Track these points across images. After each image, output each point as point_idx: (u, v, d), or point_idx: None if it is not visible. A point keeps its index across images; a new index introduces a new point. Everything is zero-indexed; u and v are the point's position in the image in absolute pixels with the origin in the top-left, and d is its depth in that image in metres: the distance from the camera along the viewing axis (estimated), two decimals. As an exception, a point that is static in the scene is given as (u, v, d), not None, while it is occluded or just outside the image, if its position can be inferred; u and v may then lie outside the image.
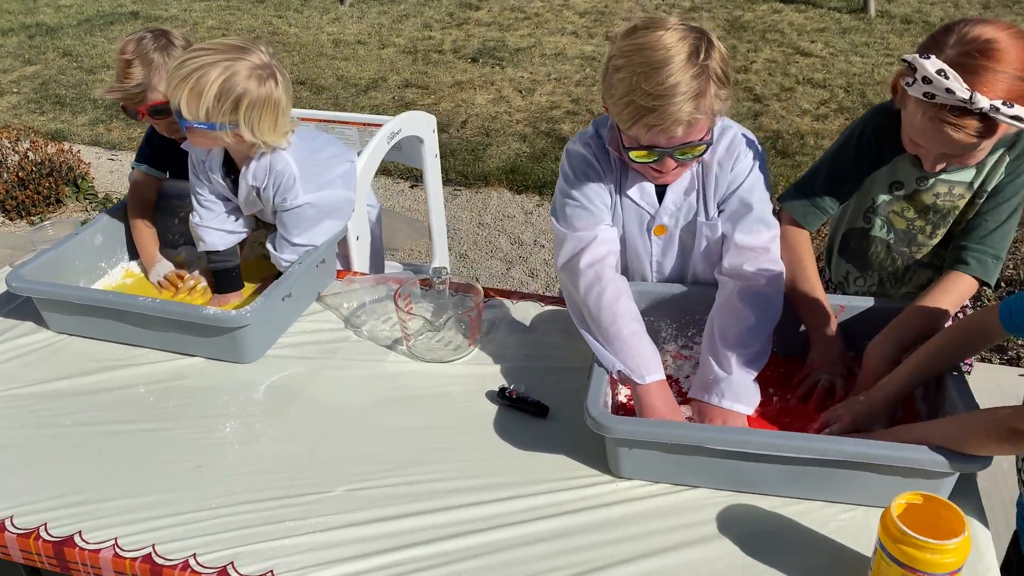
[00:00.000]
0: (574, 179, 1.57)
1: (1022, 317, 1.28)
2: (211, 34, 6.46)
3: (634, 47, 1.37)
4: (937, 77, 1.26)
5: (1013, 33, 1.29)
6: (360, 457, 1.42)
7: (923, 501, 1.12)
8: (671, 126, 1.38)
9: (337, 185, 1.85)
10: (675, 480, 1.34)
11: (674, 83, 1.33)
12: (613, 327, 1.46)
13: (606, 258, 1.53)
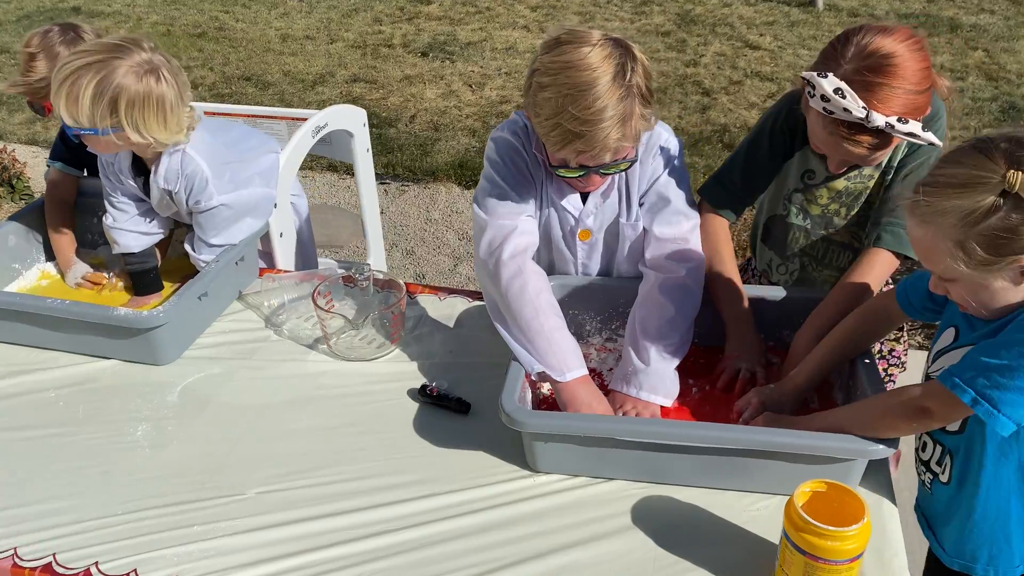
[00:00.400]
0: (501, 166, 1.55)
1: (917, 297, 1.30)
2: (155, 29, 6.33)
3: (559, 65, 1.35)
4: (834, 96, 1.27)
5: (910, 45, 1.30)
6: (275, 458, 1.39)
7: (827, 489, 1.12)
8: (600, 153, 1.37)
9: (256, 183, 1.81)
10: (592, 473, 1.34)
11: (601, 107, 1.32)
12: (535, 322, 1.45)
13: (528, 249, 1.52)
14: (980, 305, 1.11)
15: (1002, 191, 1.00)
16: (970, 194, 1.02)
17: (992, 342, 1.10)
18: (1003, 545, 1.22)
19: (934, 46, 5.58)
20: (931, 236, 1.07)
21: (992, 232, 1.01)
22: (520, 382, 1.36)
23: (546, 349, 1.42)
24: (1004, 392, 1.06)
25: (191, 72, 5.58)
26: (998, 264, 1.03)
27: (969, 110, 4.73)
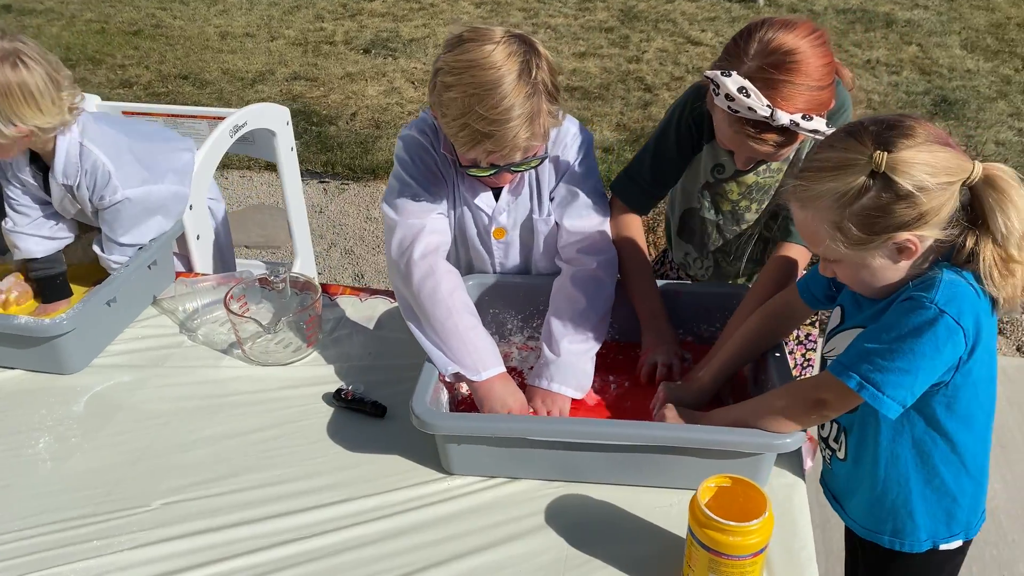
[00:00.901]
0: (410, 165, 1.53)
1: (817, 288, 1.32)
2: (88, 27, 6.16)
3: (463, 64, 1.33)
4: (739, 95, 1.27)
5: (812, 40, 1.29)
6: (182, 468, 1.35)
7: (732, 484, 1.13)
8: (510, 153, 1.36)
9: (169, 180, 1.76)
10: (506, 474, 1.32)
11: (508, 106, 1.31)
12: (449, 321, 1.43)
13: (439, 248, 1.50)
14: (865, 284, 1.14)
15: (871, 171, 1.03)
16: (842, 176, 1.04)
17: (874, 327, 1.12)
18: (906, 519, 1.24)
19: (870, 41, 5.70)
20: (811, 219, 1.10)
21: (865, 211, 1.04)
22: (433, 384, 1.34)
23: (460, 348, 1.40)
24: (886, 375, 1.08)
25: (126, 71, 5.45)
26: (874, 242, 1.06)
27: (903, 104, 4.83)
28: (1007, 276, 1.05)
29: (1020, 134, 4.47)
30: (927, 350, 1.06)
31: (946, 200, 1.02)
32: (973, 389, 1.14)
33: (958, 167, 1.02)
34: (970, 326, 1.06)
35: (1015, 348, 3.00)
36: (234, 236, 3.83)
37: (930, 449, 1.18)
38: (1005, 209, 1.02)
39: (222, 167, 4.34)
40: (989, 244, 1.04)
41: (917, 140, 1.02)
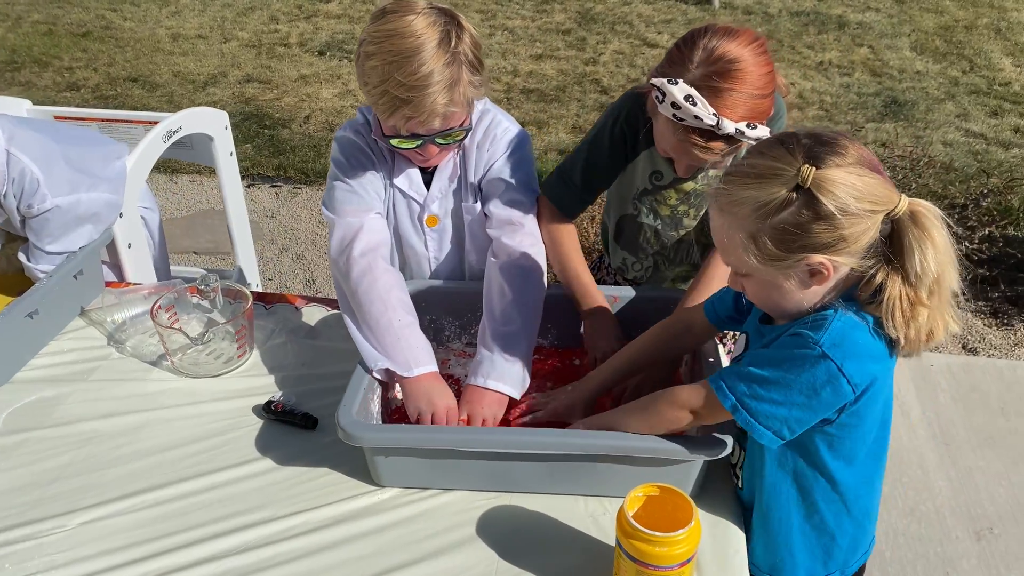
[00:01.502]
0: (345, 164, 1.54)
1: (723, 307, 1.30)
2: (35, 28, 6.01)
3: (384, 33, 1.35)
4: (685, 104, 1.27)
5: (755, 49, 1.29)
6: (102, 486, 1.31)
7: (660, 492, 1.11)
8: (428, 118, 1.38)
9: (101, 188, 1.71)
10: (437, 485, 1.30)
11: (427, 72, 1.33)
12: (384, 318, 1.41)
13: (379, 248, 1.49)
14: (772, 304, 1.10)
15: (795, 185, 0.98)
16: (766, 186, 1.00)
17: (760, 352, 1.09)
18: (786, 556, 1.21)
19: (823, 43, 5.77)
20: (727, 226, 1.05)
21: (783, 226, 0.99)
22: (361, 394, 1.31)
23: (393, 345, 1.38)
24: (761, 403, 1.06)
25: (73, 73, 5.33)
26: (787, 261, 1.01)
27: (854, 105, 4.90)
28: (911, 319, 1.00)
29: (967, 135, 4.55)
30: (803, 388, 1.03)
31: (866, 228, 0.98)
32: (860, 431, 1.10)
33: (884, 197, 0.98)
34: (855, 374, 1.02)
35: (961, 346, 3.05)
36: (183, 242, 3.78)
37: (811, 485, 1.15)
38: (924, 248, 0.97)
39: (171, 172, 4.27)
40: (899, 282, 1.00)
41: (848, 161, 0.98)
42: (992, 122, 4.69)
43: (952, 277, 1.00)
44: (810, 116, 4.76)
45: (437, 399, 1.37)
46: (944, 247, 0.99)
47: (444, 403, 1.37)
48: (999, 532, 2.26)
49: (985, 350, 3.02)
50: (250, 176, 4.24)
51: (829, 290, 1.05)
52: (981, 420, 2.65)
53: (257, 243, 3.72)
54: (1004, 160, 4.27)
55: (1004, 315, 3.17)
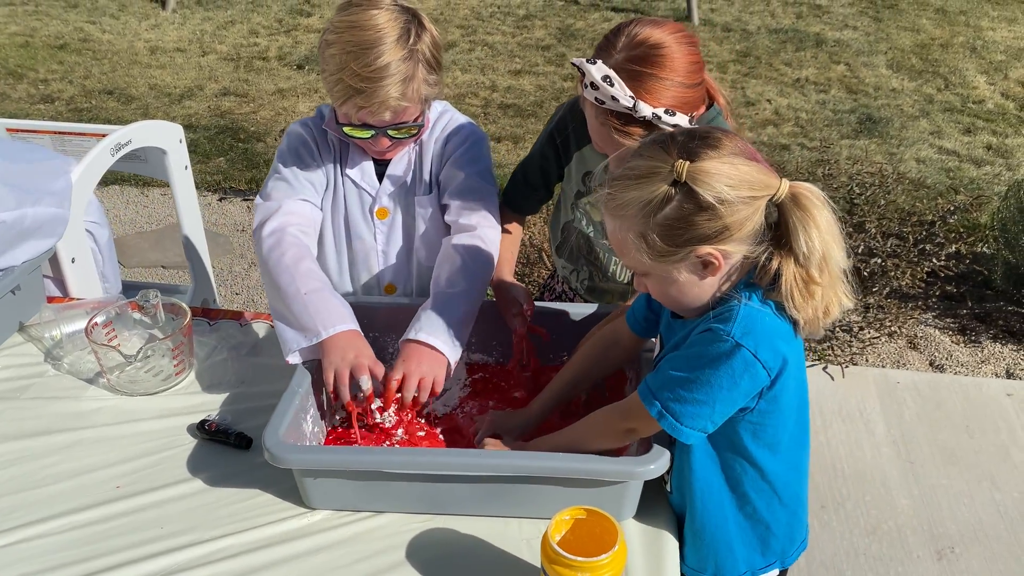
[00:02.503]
0: (285, 155, 1.58)
1: (640, 313, 1.30)
2: (12, 40, 5.98)
3: (346, 24, 1.39)
4: (603, 84, 1.26)
5: (679, 38, 1.30)
6: (30, 506, 1.28)
7: (587, 515, 1.09)
8: (379, 109, 1.41)
9: (46, 202, 1.68)
10: (367, 507, 1.27)
11: (383, 64, 1.36)
12: (292, 287, 1.39)
13: (288, 228, 1.49)
14: (673, 300, 1.12)
15: (673, 180, 1.01)
16: (647, 185, 1.02)
17: (677, 354, 1.11)
18: (725, 552, 1.21)
19: (800, 60, 5.80)
20: (618, 229, 1.07)
21: (668, 222, 1.02)
22: (291, 414, 1.28)
23: (303, 313, 1.36)
24: (684, 405, 1.07)
25: (48, 85, 5.29)
26: (678, 254, 1.04)
27: (829, 121, 4.92)
28: (807, 298, 1.03)
29: (940, 151, 4.57)
30: (724, 382, 1.04)
31: (749, 215, 1.01)
32: (780, 416, 1.12)
33: (762, 183, 1.01)
34: (769, 358, 1.04)
35: (928, 363, 3.05)
36: (152, 256, 3.75)
37: (739, 475, 1.17)
38: (808, 229, 1.00)
39: (143, 184, 4.24)
40: (792, 264, 1.02)
41: (722, 152, 1.01)
42: (965, 139, 4.72)
43: (838, 255, 1.03)
44: (785, 132, 4.78)
45: (351, 353, 1.32)
46: (827, 226, 1.01)
47: (363, 356, 1.33)
48: (960, 552, 2.25)
49: (952, 367, 3.01)
50: (222, 189, 4.22)
51: (725, 279, 1.07)
52: (946, 438, 2.64)
53: (226, 257, 3.69)
54: (976, 177, 4.29)
55: (971, 332, 3.17)
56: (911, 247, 3.13)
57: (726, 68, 5.69)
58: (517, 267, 3.29)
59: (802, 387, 1.14)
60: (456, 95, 5.23)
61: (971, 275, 3.35)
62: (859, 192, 3.31)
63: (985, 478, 2.48)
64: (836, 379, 2.84)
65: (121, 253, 3.69)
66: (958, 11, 6.69)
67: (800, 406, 1.15)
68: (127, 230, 3.90)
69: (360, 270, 1.67)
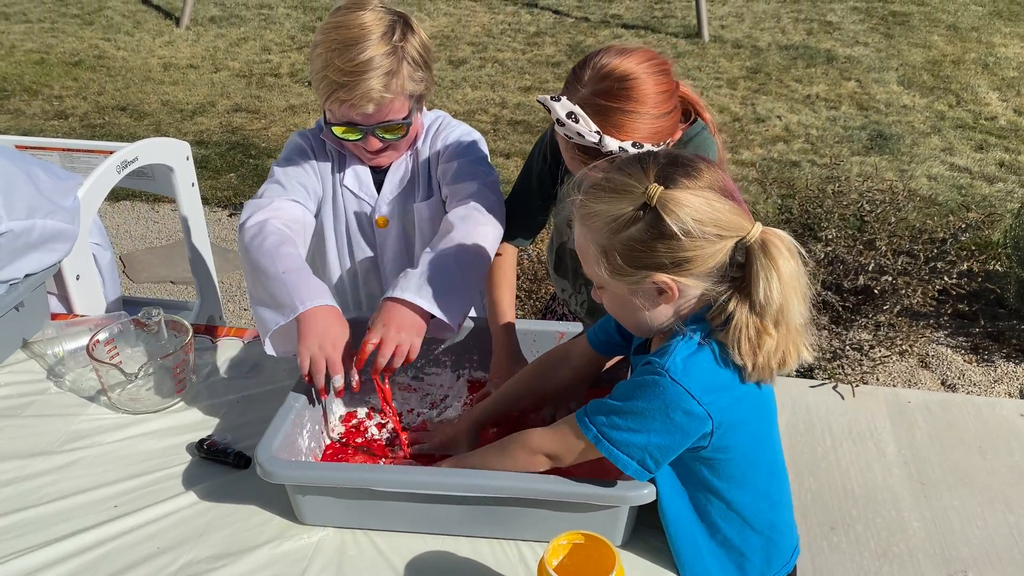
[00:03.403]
0: (282, 161, 1.60)
1: (604, 333, 1.30)
2: (28, 57, 6.06)
3: (332, 25, 1.43)
4: (568, 121, 1.25)
5: (648, 67, 1.27)
6: (23, 526, 1.27)
7: (584, 540, 1.07)
8: (361, 101, 1.41)
9: (58, 216, 1.69)
10: (360, 524, 1.26)
11: (366, 59, 1.38)
12: (271, 268, 1.35)
13: (271, 220, 1.47)
14: (626, 318, 1.11)
15: (643, 203, 0.99)
16: (617, 201, 1.01)
17: (620, 384, 1.09)
18: None
19: (811, 77, 5.79)
20: (583, 237, 1.07)
21: (630, 242, 1.01)
22: (285, 429, 1.27)
23: (279, 290, 1.31)
24: (620, 433, 1.06)
25: (63, 102, 5.35)
26: (633, 277, 1.03)
27: (840, 138, 4.90)
28: (756, 347, 1.00)
29: (952, 168, 4.54)
30: (657, 415, 1.02)
31: (713, 252, 0.99)
32: (736, 454, 1.09)
33: (733, 223, 0.99)
34: (705, 396, 1.01)
35: (939, 382, 3.01)
36: (161, 271, 3.76)
37: (705, 506, 1.14)
38: (769, 278, 0.98)
39: (152, 200, 4.26)
40: (746, 310, 1.00)
41: (698, 184, 0.99)
42: (977, 156, 4.68)
43: (797, 309, 1.00)
44: (795, 149, 4.77)
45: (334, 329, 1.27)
46: (789, 278, 0.99)
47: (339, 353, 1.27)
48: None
49: (964, 387, 2.98)
50: (233, 205, 4.24)
51: (680, 310, 1.05)
52: (958, 458, 2.60)
53: (235, 272, 3.70)
54: (988, 195, 4.25)
55: (984, 351, 3.13)
56: (922, 265, 3.10)
57: (736, 84, 5.68)
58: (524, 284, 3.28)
59: (766, 424, 1.11)
60: (466, 111, 5.24)
61: (983, 293, 3.31)
62: (870, 209, 3.29)
63: (999, 500, 2.44)
64: (846, 398, 2.81)
65: (131, 268, 3.71)
66: (970, 27, 6.67)
67: (763, 442, 1.12)
68: (137, 245, 3.92)
69: (363, 279, 1.68)
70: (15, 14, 7.01)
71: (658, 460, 1.06)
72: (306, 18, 6.95)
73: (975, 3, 7.27)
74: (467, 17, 7.04)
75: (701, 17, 6.51)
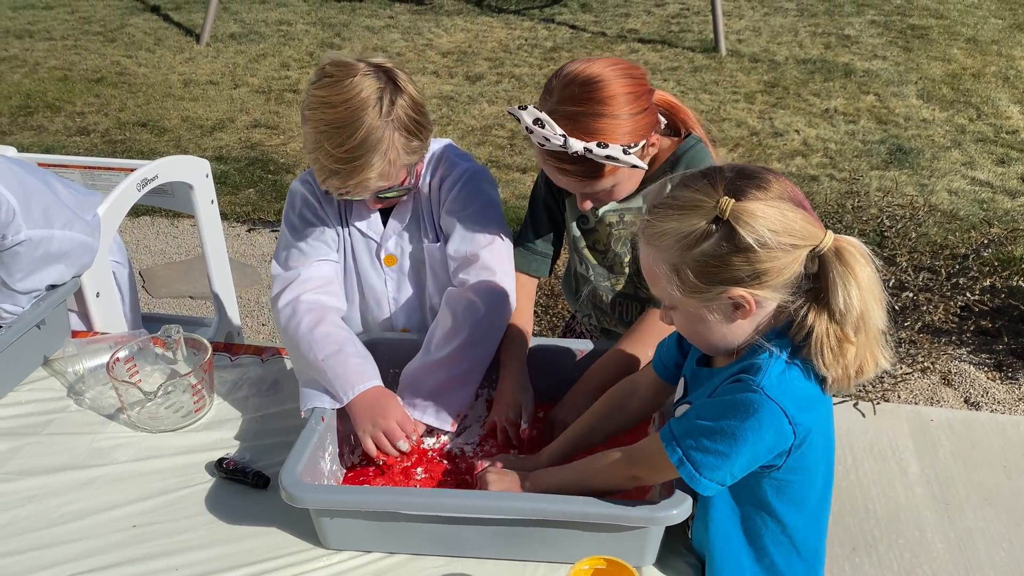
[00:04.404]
0: (293, 218, 1.56)
1: (669, 357, 1.28)
2: (51, 74, 6.14)
3: (318, 100, 1.35)
4: (535, 127, 1.27)
5: (615, 70, 1.29)
6: (44, 546, 1.27)
7: (607, 565, 1.07)
8: (357, 190, 1.39)
9: (77, 228, 1.71)
10: (385, 548, 1.25)
11: (355, 145, 1.32)
12: (310, 354, 1.42)
13: (303, 295, 1.49)
14: (700, 338, 1.09)
15: (715, 217, 0.98)
16: (687, 217, 1.00)
17: (706, 402, 1.07)
18: None
19: (829, 91, 5.76)
20: (652, 257, 1.05)
21: (704, 258, 0.99)
22: (308, 452, 1.27)
23: (323, 379, 1.39)
24: (706, 456, 1.04)
25: (85, 118, 5.41)
26: (708, 293, 1.01)
27: (859, 152, 4.86)
28: (839, 356, 0.99)
29: (973, 183, 4.50)
30: (749, 435, 1.01)
31: (788, 263, 0.98)
32: (806, 475, 1.08)
33: (806, 232, 0.98)
34: (797, 417, 1.01)
35: (962, 400, 2.97)
36: (180, 286, 3.79)
37: (759, 529, 1.13)
38: (848, 285, 0.97)
39: (172, 216, 4.29)
40: (825, 319, 0.99)
41: (769, 195, 0.98)
42: (999, 170, 4.64)
43: (877, 315, 0.99)
44: (814, 163, 4.74)
45: (380, 416, 1.35)
46: (868, 284, 0.98)
47: (392, 420, 1.36)
48: (999, 599, 2.17)
49: (988, 405, 2.93)
50: (252, 220, 4.26)
51: (757, 325, 1.04)
52: (982, 478, 2.56)
53: (253, 288, 3.72)
54: (1010, 209, 4.21)
55: (1008, 368, 3.08)
56: (944, 281, 3.07)
57: (754, 99, 5.67)
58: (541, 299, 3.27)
59: (830, 445, 1.11)
60: (483, 127, 5.26)
61: (1007, 310, 3.27)
62: (890, 224, 3.25)
63: (1024, 521, 2.40)
64: (867, 416, 2.77)
65: (149, 283, 3.74)
66: (990, 40, 6.63)
67: (828, 464, 1.12)
68: (156, 260, 3.95)
69: (373, 316, 1.66)
70: (39, 31, 7.12)
71: (735, 477, 1.05)
72: (324, 34, 7.01)
73: (995, 16, 7.22)
74: (484, 32, 7.08)
75: (718, 31, 6.51)
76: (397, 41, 6.97)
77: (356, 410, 1.36)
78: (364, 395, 1.36)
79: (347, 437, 1.41)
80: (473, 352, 1.44)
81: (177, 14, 7.56)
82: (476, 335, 1.44)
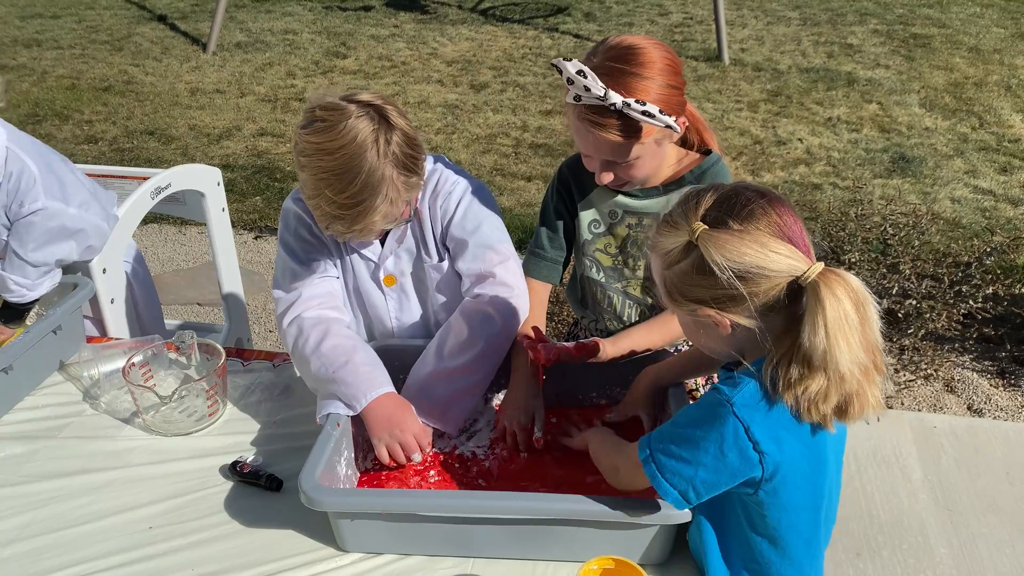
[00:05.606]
0: (289, 239, 1.56)
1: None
2: (59, 83, 6.19)
3: (312, 147, 1.32)
4: (577, 77, 1.31)
5: (657, 43, 1.37)
6: (59, 547, 1.30)
7: (615, 565, 1.09)
8: (363, 235, 1.41)
9: (93, 210, 1.74)
10: (401, 549, 1.28)
11: (354, 192, 1.32)
12: (324, 371, 1.44)
13: (306, 313, 1.51)
14: (693, 341, 1.13)
15: (688, 240, 1.02)
16: (670, 235, 1.04)
17: (688, 406, 1.10)
18: None
19: (832, 99, 5.79)
20: (653, 266, 1.10)
21: (677, 276, 1.04)
22: (326, 456, 1.30)
23: (338, 390, 1.41)
24: (669, 459, 1.06)
25: (92, 126, 5.46)
26: (686, 308, 1.05)
27: (862, 160, 4.89)
28: (796, 386, 0.98)
29: (975, 191, 4.52)
30: (710, 448, 1.02)
31: (759, 292, 0.98)
32: (786, 515, 1.08)
33: (783, 265, 0.97)
34: (764, 442, 1.00)
35: (966, 407, 2.98)
36: (188, 293, 3.82)
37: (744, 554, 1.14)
38: (815, 321, 0.94)
39: (180, 223, 4.33)
40: (791, 349, 0.98)
41: (748, 227, 0.98)
42: (1001, 179, 4.66)
43: (845, 356, 0.94)
44: (817, 172, 4.76)
45: (399, 428, 1.38)
46: (835, 322, 0.94)
47: (407, 433, 1.39)
48: (1003, 605, 2.18)
49: (991, 411, 2.95)
50: (258, 228, 4.30)
51: (739, 344, 1.05)
52: (985, 485, 2.57)
53: (261, 294, 3.75)
54: (1013, 217, 4.23)
55: (1011, 375, 3.10)
56: (947, 289, 3.09)
57: (757, 107, 5.70)
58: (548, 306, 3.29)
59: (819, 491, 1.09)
60: (488, 135, 5.29)
61: (1010, 317, 3.29)
62: (893, 233, 3.28)
63: (1028, 527, 2.41)
64: (871, 423, 2.79)
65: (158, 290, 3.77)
66: (992, 49, 6.66)
67: (814, 508, 1.10)
68: (165, 268, 3.98)
69: (377, 335, 1.67)
70: (47, 40, 7.18)
71: (700, 494, 1.06)
72: (330, 43, 7.06)
73: (997, 25, 7.25)
74: (488, 42, 7.12)
75: (721, 40, 6.54)
76: (402, 50, 7.01)
77: (371, 417, 1.38)
78: (379, 402, 1.39)
79: (360, 442, 1.44)
80: (486, 364, 1.48)
81: (184, 23, 7.62)
82: (490, 348, 1.48)
